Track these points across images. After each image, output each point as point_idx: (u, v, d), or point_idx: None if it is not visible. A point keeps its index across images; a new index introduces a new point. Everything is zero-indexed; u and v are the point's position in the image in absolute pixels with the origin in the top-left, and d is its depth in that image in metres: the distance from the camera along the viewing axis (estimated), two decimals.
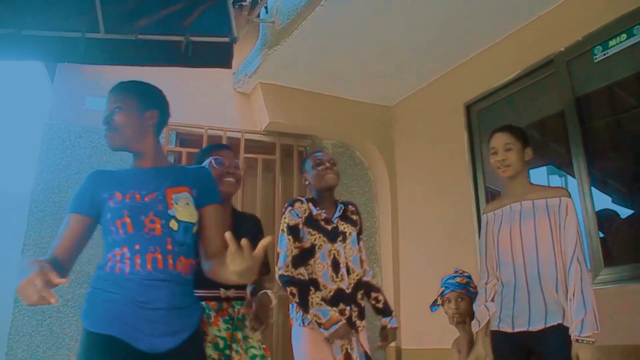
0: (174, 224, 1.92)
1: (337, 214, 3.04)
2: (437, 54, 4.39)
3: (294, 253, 2.85)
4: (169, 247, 1.89)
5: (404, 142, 5.24)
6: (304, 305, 2.77)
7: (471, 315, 3.19)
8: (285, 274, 2.81)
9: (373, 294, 3.10)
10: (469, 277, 3.30)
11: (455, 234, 4.35)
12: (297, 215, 2.93)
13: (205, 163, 2.58)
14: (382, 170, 5.27)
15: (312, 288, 2.80)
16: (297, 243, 2.88)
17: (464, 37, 4.12)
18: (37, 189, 4.35)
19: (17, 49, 3.49)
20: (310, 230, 2.93)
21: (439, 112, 4.74)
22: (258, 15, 4.31)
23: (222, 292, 2.40)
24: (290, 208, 2.96)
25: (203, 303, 2.33)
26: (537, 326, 2.47)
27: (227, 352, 2.32)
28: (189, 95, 4.84)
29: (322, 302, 2.77)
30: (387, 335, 3.05)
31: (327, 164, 3.04)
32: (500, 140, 2.71)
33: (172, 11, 3.65)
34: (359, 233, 3.15)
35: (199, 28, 3.78)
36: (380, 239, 5.19)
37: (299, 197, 3.07)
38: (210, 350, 2.29)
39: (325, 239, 2.93)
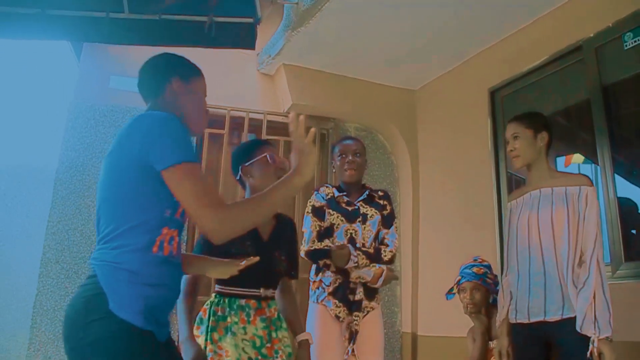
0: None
1: (361, 197, 3.12)
2: (462, 38, 4.32)
3: (317, 229, 3.01)
4: (182, 232, 1.78)
5: (427, 126, 5.19)
6: (344, 265, 2.90)
7: (486, 305, 3.17)
8: (312, 248, 2.96)
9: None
10: (488, 266, 3.28)
11: (476, 220, 4.32)
12: (322, 198, 3.09)
13: (257, 158, 2.51)
14: (405, 155, 5.24)
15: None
16: (321, 222, 3.03)
17: (490, 21, 4.04)
18: (62, 167, 4.41)
19: (42, 28, 3.53)
20: (330, 210, 3.05)
21: (462, 97, 4.68)
22: None
23: (262, 292, 2.42)
24: (316, 192, 3.13)
25: (243, 301, 2.39)
26: (553, 316, 2.44)
27: (264, 350, 2.35)
28: (211, 76, 4.74)
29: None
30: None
31: (350, 157, 3.10)
32: (508, 130, 2.73)
33: None
34: (389, 219, 3.16)
35: (223, 9, 3.79)
36: (401, 223, 5.17)
37: (325, 184, 3.24)
38: (248, 349, 2.32)
39: (343, 218, 3.03)
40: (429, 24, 4.13)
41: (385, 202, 3.19)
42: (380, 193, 3.21)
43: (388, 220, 3.16)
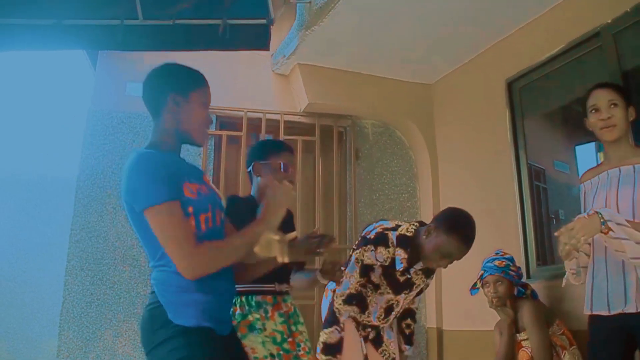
0: (222, 215, 1.92)
1: (420, 266, 2.92)
2: (476, 29, 4.27)
3: (354, 290, 2.86)
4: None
5: (444, 120, 5.16)
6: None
7: (511, 298, 3.15)
8: (337, 307, 2.85)
9: (408, 320, 3.16)
10: (510, 259, 3.25)
11: (498, 213, 4.27)
12: (377, 259, 2.85)
13: (271, 160, 2.50)
14: (423, 149, 5.21)
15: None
16: (364, 279, 2.88)
17: (505, 11, 3.98)
18: (83, 175, 4.45)
19: (58, 39, 3.56)
20: (383, 277, 2.88)
21: (480, 89, 4.63)
22: None
23: (277, 286, 2.42)
24: (372, 248, 2.87)
25: (259, 297, 2.38)
26: (631, 307, 2.15)
27: (285, 345, 2.34)
28: (227, 79, 4.86)
29: None
30: None
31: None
32: (603, 96, 2.38)
33: None
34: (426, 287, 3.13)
35: (236, 11, 3.78)
36: (421, 218, 5.14)
37: (389, 237, 2.88)
38: (269, 345, 2.31)
39: (390, 290, 2.91)
40: (443, 17, 4.09)
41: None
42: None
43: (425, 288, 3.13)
